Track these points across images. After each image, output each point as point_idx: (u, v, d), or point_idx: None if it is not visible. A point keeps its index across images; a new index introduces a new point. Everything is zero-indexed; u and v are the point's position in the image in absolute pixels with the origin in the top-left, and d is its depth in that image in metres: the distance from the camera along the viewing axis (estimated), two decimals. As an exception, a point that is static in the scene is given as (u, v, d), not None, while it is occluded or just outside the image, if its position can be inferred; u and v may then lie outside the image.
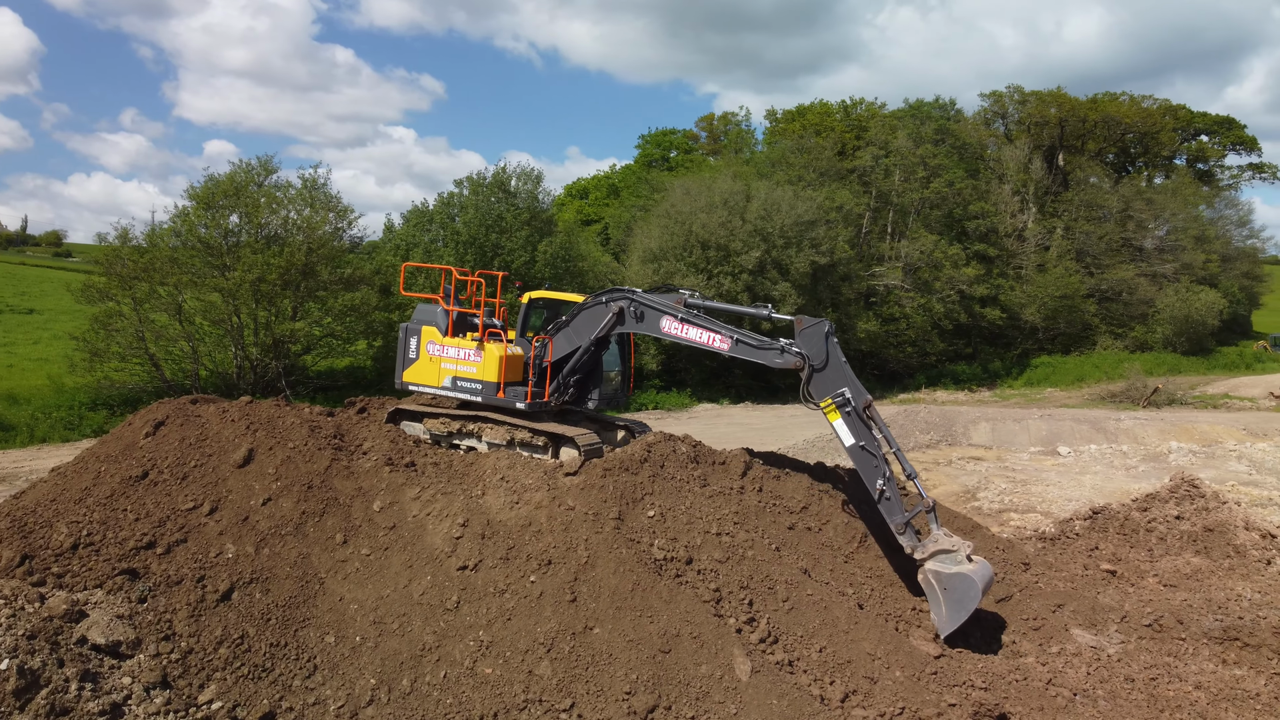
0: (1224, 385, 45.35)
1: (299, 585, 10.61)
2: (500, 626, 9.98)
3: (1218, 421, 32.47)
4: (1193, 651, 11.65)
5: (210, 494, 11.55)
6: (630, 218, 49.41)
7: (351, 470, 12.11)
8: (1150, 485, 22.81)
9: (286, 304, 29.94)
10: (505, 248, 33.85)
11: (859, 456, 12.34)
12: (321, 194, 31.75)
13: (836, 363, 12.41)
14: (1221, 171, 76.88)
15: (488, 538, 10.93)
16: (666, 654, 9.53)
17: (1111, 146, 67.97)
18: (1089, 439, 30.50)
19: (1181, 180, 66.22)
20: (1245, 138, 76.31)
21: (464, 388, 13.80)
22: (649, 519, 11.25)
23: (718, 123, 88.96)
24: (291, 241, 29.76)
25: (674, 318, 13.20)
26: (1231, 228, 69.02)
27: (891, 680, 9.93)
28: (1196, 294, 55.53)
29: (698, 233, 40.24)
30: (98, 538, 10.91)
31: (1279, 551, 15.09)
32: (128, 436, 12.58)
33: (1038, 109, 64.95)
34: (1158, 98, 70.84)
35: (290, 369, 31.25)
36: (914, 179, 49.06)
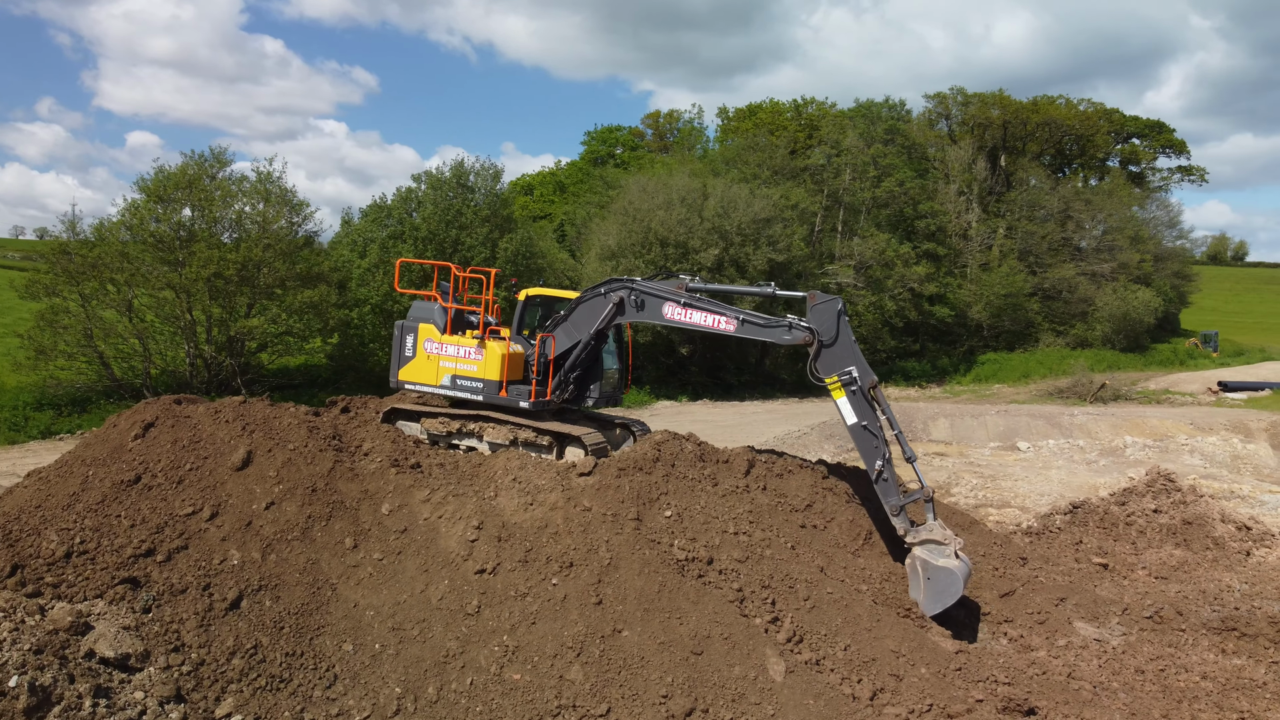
0: (1164, 381, 46.81)
1: (310, 592, 10.26)
2: (525, 631, 9.77)
3: (1165, 416, 33.44)
4: (1192, 642, 11.93)
5: (209, 498, 11.10)
6: (585, 215, 49.15)
7: (356, 472, 11.76)
8: (1112, 479, 23.41)
9: (242, 300, 29.07)
10: (465, 244, 33.35)
11: (860, 436, 12.49)
12: (276, 187, 30.92)
13: (846, 341, 12.46)
14: (1152, 174, 79.54)
15: (504, 540, 10.70)
16: (699, 655, 9.42)
17: (1050, 148, 69.73)
18: (1045, 434, 31.17)
19: (1116, 182, 68.24)
20: (1174, 141, 78.96)
21: (464, 386, 13.50)
22: (666, 519, 11.13)
23: (663, 120, 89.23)
24: (249, 236, 28.92)
25: (676, 303, 13.11)
26: (1162, 228, 71.40)
27: (917, 677, 9.95)
28: (1134, 293, 57.32)
29: (656, 230, 40.17)
30: (92, 545, 10.41)
31: (1255, 542, 15.56)
32: (114, 439, 12.04)
33: (980, 110, 66.31)
34: (1094, 101, 72.79)
35: (245, 367, 30.38)
36: (865, 178, 49.65)
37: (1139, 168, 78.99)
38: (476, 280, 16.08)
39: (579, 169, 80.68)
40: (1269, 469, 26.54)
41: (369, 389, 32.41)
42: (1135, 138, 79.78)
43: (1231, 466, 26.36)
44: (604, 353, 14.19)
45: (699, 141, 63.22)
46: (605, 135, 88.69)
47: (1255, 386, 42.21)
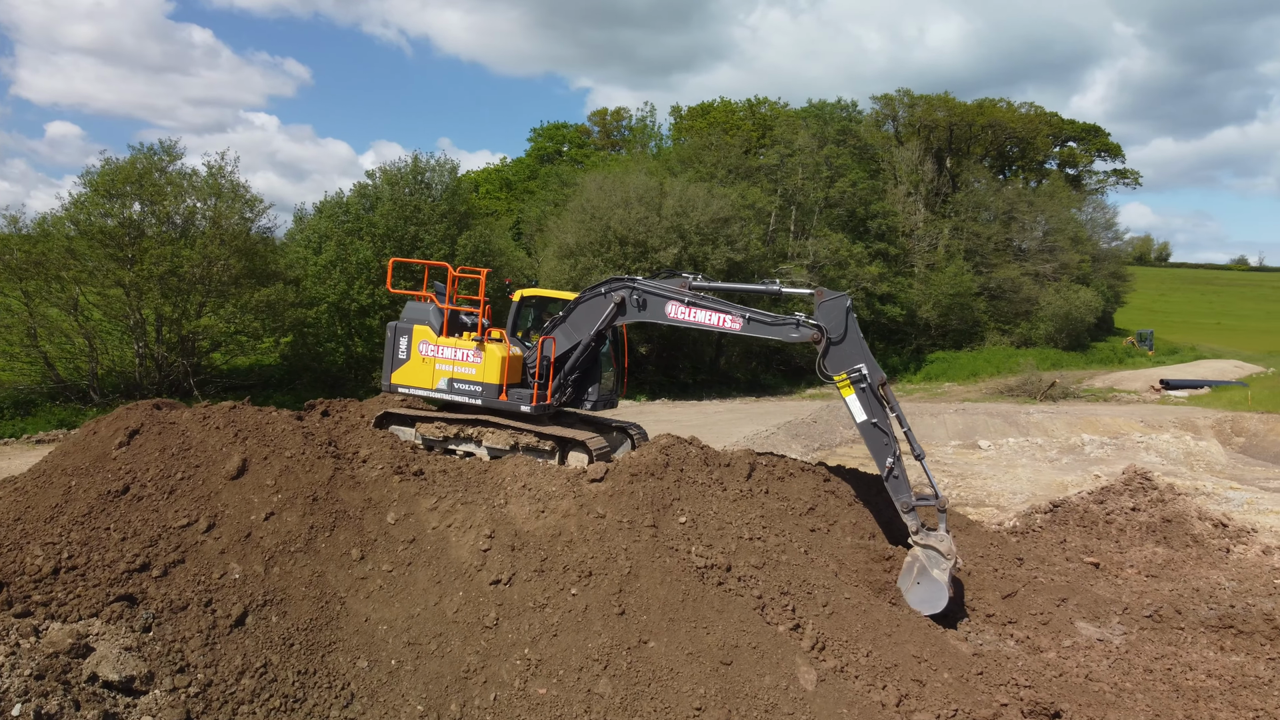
0: (1108, 379, 48.04)
1: (318, 606, 9.84)
2: (547, 643, 9.49)
3: (1116, 414, 34.30)
4: (1191, 640, 12.10)
5: (204, 509, 10.60)
6: (540, 213, 48.66)
7: (357, 480, 11.34)
8: (1077, 477, 23.86)
9: (195, 299, 28.09)
10: (424, 240, 32.73)
11: (870, 434, 12.43)
12: (228, 182, 29.94)
13: (855, 338, 12.39)
14: (1089, 176, 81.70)
15: (518, 550, 10.40)
16: (728, 666, 9.25)
17: (993, 151, 71.12)
18: (1003, 432, 31.71)
19: (1056, 184, 69.92)
20: (1110, 145, 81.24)
21: (462, 390, 13.12)
22: (681, 525, 10.94)
23: (610, 118, 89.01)
24: (205, 232, 27.94)
25: (680, 302, 12.90)
26: (1099, 230, 73.38)
27: (940, 682, 9.90)
28: (1076, 292, 58.79)
29: (615, 229, 39.92)
30: (81, 560, 9.85)
31: (1232, 539, 15.91)
32: (96, 446, 11.44)
33: (925, 112, 67.33)
34: (1035, 104, 74.39)
35: (197, 368, 29.40)
36: (818, 179, 50.02)
37: (1076, 170, 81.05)
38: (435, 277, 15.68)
39: (526, 166, 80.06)
40: (1220, 465, 27.31)
41: (326, 390, 31.66)
42: (1072, 141, 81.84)
43: (1186, 463, 27.07)
44: (600, 354, 13.94)
45: (652, 140, 63.04)
46: (552, 132, 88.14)
47: (1195, 384, 43.54)
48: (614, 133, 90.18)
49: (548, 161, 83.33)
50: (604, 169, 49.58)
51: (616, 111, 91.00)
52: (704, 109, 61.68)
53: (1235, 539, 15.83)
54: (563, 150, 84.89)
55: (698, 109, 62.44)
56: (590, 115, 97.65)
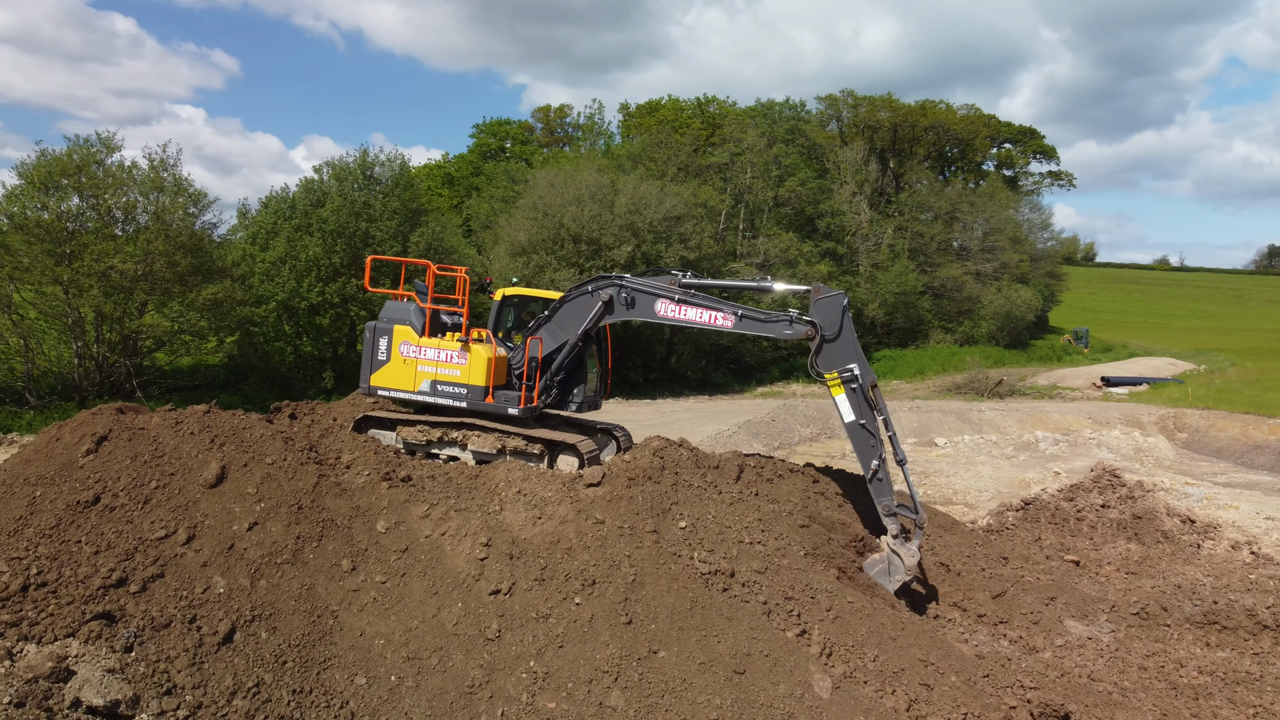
0: (1050, 377, 49.10)
1: (310, 621, 9.39)
2: (553, 655, 9.17)
3: (1065, 411, 34.99)
4: (1177, 637, 12.25)
5: (182, 519, 10.04)
6: (490, 209, 47.98)
7: (343, 487, 10.87)
8: (1037, 474, 24.19)
9: (139, 296, 26.99)
10: (375, 237, 31.95)
11: (857, 434, 12.33)
12: (171, 176, 28.84)
13: (849, 337, 12.23)
14: (1025, 178, 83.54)
15: (516, 558, 10.06)
16: (741, 675, 9.04)
17: (934, 152, 72.28)
18: (958, 430, 32.08)
19: (995, 185, 71.33)
20: (1045, 147, 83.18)
21: (446, 392, 12.68)
22: (681, 531, 10.70)
23: (554, 115, 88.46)
24: (148, 228, 26.84)
25: (670, 300, 12.61)
26: (1036, 230, 75.07)
27: (948, 686, 9.82)
28: (1016, 291, 60.05)
29: (569, 226, 39.52)
30: (51, 576, 9.25)
31: (1200, 535, 16.20)
32: (60, 454, 10.78)
33: (869, 113, 68.13)
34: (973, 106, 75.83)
35: (139, 368, 28.29)
36: (768, 178, 50.23)
37: (1012, 172, 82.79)
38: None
39: (469, 162, 79.17)
40: (1169, 460, 27.98)
41: (275, 391, 30.74)
42: (1008, 143, 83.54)
43: (1136, 459, 27.65)
44: (585, 355, 13.63)
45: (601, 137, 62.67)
46: (495, 128, 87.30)
47: (1134, 381, 44.69)
48: (557, 129, 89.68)
49: (491, 158, 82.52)
50: (554, 166, 49.10)
51: (560, 108, 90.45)
52: (652, 106, 61.56)
53: (1203, 534, 16.13)
54: (506, 146, 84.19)
55: (645, 106, 62.29)
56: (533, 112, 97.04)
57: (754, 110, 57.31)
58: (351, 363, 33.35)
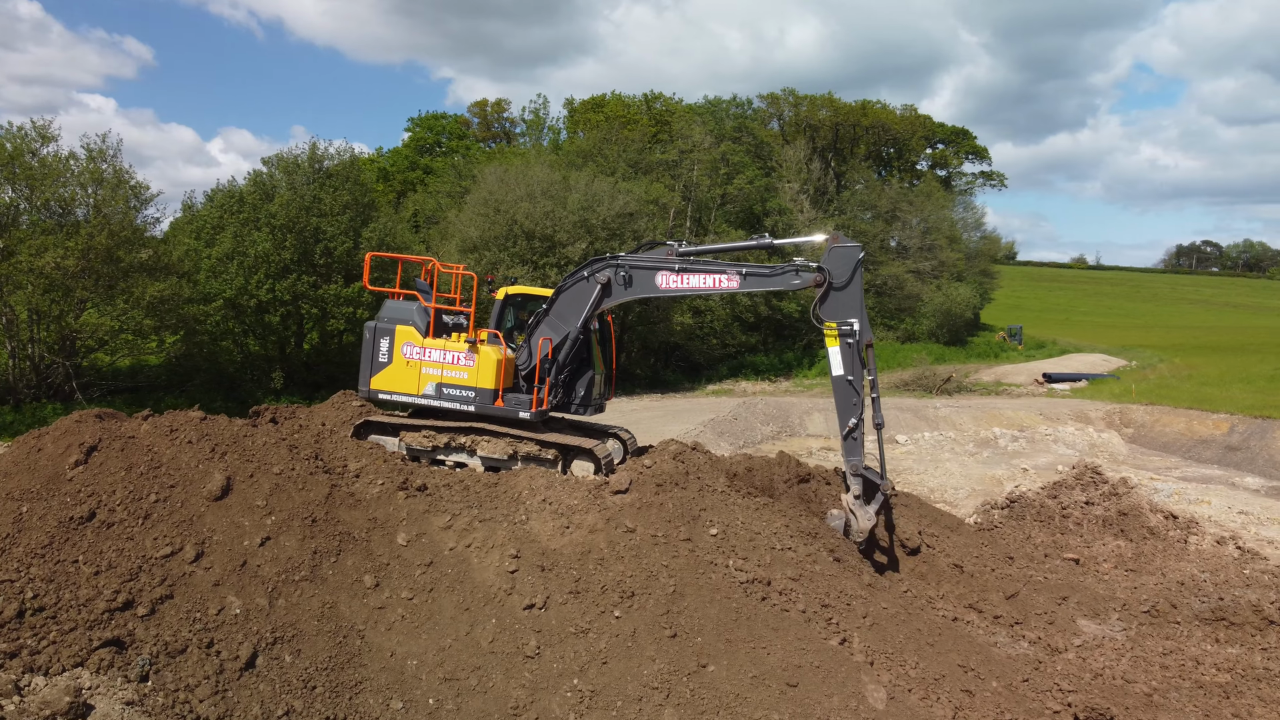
0: (992, 373, 50.01)
1: (335, 642, 8.82)
2: (597, 672, 8.77)
3: (1016, 408, 35.60)
4: (1187, 634, 12.35)
5: (188, 535, 9.37)
6: (436, 204, 46.96)
7: (357, 497, 10.29)
8: (1005, 471, 24.48)
9: (81, 294, 25.59)
10: (327, 233, 30.88)
11: (842, 389, 12.16)
12: (111, 168, 27.41)
13: (856, 291, 12.00)
14: (958, 178, 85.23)
15: (548, 570, 9.63)
16: (794, 688, 8.75)
17: (874, 151, 73.18)
18: (916, 427, 32.39)
19: (931, 185, 72.56)
20: (977, 148, 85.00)
21: (452, 396, 12.11)
22: (713, 538, 10.37)
23: (491, 110, 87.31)
24: (89, 222, 25.45)
25: (669, 271, 12.26)
26: (970, 229, 76.60)
27: (990, 691, 9.69)
28: (956, 289, 61.14)
29: (521, 222, 38.85)
30: (50, 600, 8.54)
31: (1184, 530, 16.45)
32: (45, 465, 9.99)
33: (810, 111, 68.67)
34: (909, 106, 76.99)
35: (78, 369, 26.85)
36: (716, 175, 50.19)
37: (946, 172, 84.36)
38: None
39: (405, 157, 77.62)
40: (1122, 455, 28.64)
41: (222, 393, 29.56)
42: (941, 143, 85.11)
43: (1091, 454, 28.21)
44: (589, 354, 13.19)
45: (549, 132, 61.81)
46: (430, 122, 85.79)
47: (1074, 378, 45.76)
48: (495, 124, 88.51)
49: (427, 152, 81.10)
50: (502, 161, 48.29)
51: (498, 103, 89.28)
52: (597, 103, 61.01)
53: (1187, 530, 16.37)
54: (442, 141, 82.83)
55: (590, 102, 61.70)
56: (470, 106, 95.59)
57: (701, 108, 57.22)
58: (300, 362, 32.26)
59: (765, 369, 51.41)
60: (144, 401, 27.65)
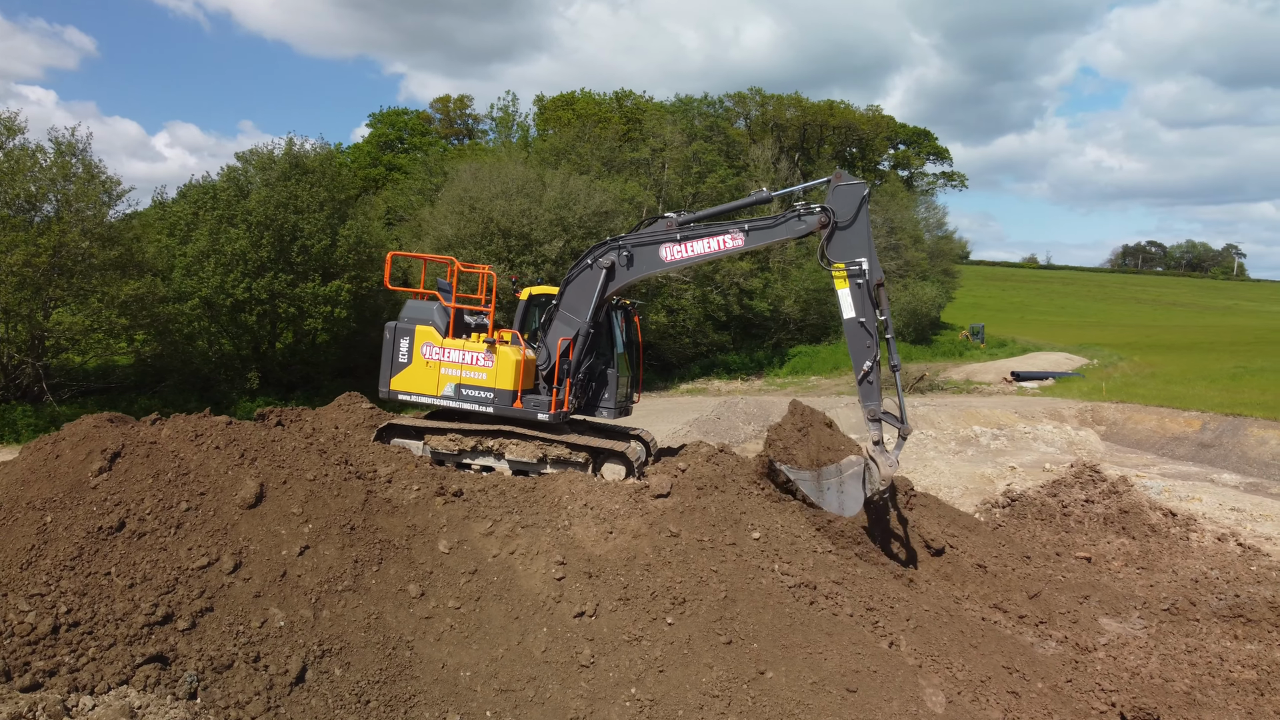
0: (961, 371, 50.64)
1: (384, 654, 8.55)
2: (655, 681, 8.61)
3: (991, 406, 36.02)
4: (1206, 631, 12.50)
5: (224, 545, 9.03)
6: (407, 202, 46.31)
7: (394, 504, 10.00)
8: (994, 469, 24.72)
9: (55, 292, 24.74)
10: (304, 230, 30.24)
11: (855, 332, 11.68)
12: (81, 162, 26.55)
13: (863, 229, 11.60)
14: (920, 179, 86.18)
15: (595, 577, 9.45)
16: (854, 694, 8.66)
17: (841, 151, 73.67)
18: (896, 425, 32.62)
19: (895, 185, 73.28)
20: (939, 148, 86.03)
21: (471, 397, 11.85)
22: (756, 541, 10.27)
23: (454, 106, 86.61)
24: (61, 218, 24.60)
25: (673, 242, 12.08)
26: (932, 229, 77.43)
27: (1036, 693, 9.70)
28: (922, 288, 61.81)
29: (498, 220, 38.46)
30: (84, 615, 8.18)
31: (1184, 527, 16.70)
32: (66, 473, 9.57)
33: (777, 110, 68.95)
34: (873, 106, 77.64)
35: (47, 369, 26.00)
36: (688, 174, 50.16)
37: (908, 172, 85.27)
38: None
39: (365, 153, 76.63)
40: (1100, 453, 29.07)
41: (197, 393, 28.87)
42: (903, 144, 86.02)
43: (1070, 452, 28.64)
44: (615, 361, 13.00)
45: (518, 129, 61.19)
46: (392, 118, 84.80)
47: (1041, 376, 46.46)
48: (457, 120, 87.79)
49: (388, 149, 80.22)
50: (473, 158, 47.79)
51: (460, 99, 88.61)
52: (567, 99, 60.67)
53: (1186, 527, 16.62)
54: (404, 137, 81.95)
55: (560, 99, 61.34)
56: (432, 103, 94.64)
57: (672, 106, 57.14)
58: (277, 362, 31.60)
59: (737, 368, 51.52)
60: (115, 403, 26.88)
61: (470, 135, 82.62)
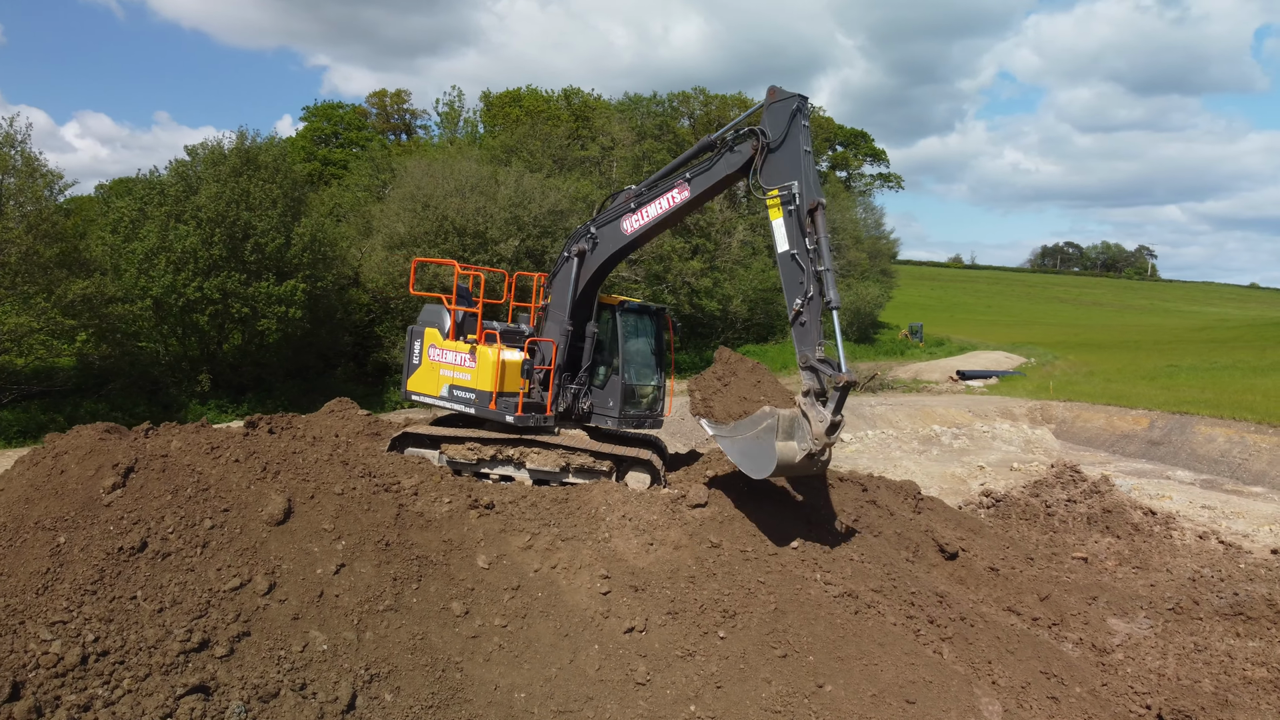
0: (908, 370, 51.45)
1: (434, 677, 8.18)
2: (713, 697, 8.40)
3: (946, 405, 36.62)
4: (1209, 629, 12.75)
5: (255, 565, 8.56)
6: (354, 199, 45.17)
7: (426, 518, 9.61)
8: (961, 469, 25.06)
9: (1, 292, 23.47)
10: (257, 228, 29.21)
11: (786, 266, 10.44)
12: (20, 155, 25.21)
13: (794, 149, 10.40)
14: (858, 180, 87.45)
15: (640, 590, 9.21)
16: (913, 705, 8.57)
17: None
18: (856, 425, 32.84)
19: (836, 187, 74.21)
20: (876, 150, 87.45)
21: (459, 398, 11.66)
22: (795, 552, 10.12)
23: (391, 100, 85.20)
24: (3, 213, 23.31)
25: (629, 212, 11.85)
26: (870, 230, 78.61)
27: (1075, 697, 9.75)
28: (865, 288, 62.71)
29: (452, 218, 37.75)
30: (114, 643, 7.66)
31: (1164, 526, 17.08)
32: (75, 489, 8.98)
33: (720, 110, 69.15)
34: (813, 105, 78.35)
35: (-12, 373, 24.67)
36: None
37: (846, 173, 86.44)
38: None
39: (300, 148, 74.83)
40: (1056, 451, 29.73)
41: (144, 396, 27.73)
42: (841, 145, 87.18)
43: (1028, 450, 29.24)
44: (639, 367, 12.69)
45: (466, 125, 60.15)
46: (327, 112, 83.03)
47: (985, 375, 47.47)
48: (394, 116, 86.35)
49: (324, 143, 78.62)
50: (422, 155, 46.88)
51: (397, 93, 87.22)
52: (514, 96, 59.95)
53: (1167, 526, 17.01)
54: (340, 132, 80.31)
55: (507, 96, 60.57)
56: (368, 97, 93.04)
57: (621, 105, 56.90)
58: (228, 364, 30.52)
59: (686, 367, 51.49)
60: (59, 407, 25.66)
61: (408, 131, 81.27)
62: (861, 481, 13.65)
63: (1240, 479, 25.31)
